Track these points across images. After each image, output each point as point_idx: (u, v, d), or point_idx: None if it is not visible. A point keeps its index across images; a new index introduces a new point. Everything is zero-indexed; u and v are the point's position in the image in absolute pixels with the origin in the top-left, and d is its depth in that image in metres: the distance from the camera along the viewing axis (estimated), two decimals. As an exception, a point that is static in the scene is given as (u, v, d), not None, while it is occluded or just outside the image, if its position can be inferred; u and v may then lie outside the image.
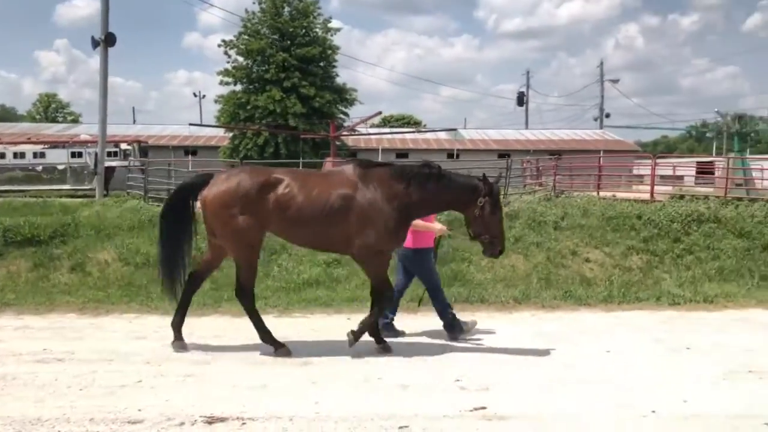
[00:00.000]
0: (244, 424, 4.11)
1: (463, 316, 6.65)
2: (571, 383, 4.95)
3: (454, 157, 36.06)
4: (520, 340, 6.30)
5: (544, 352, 5.85)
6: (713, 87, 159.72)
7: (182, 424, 4.10)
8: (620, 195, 15.39)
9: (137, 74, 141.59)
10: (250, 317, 5.59)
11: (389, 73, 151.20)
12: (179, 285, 5.67)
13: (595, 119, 48.09)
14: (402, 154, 36.81)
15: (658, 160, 21.07)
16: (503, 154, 36.96)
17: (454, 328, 6.15)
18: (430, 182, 5.45)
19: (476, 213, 5.45)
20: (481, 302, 8.04)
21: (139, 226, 10.36)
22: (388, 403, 4.46)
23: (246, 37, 31.02)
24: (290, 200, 5.32)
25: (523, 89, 55.03)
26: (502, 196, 5.97)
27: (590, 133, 43.61)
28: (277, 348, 5.54)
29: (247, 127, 29.79)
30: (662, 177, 24.43)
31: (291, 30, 30.47)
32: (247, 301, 5.53)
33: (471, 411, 4.31)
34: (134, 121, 51.53)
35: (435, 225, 6.08)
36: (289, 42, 30.50)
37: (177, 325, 5.76)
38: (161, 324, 6.58)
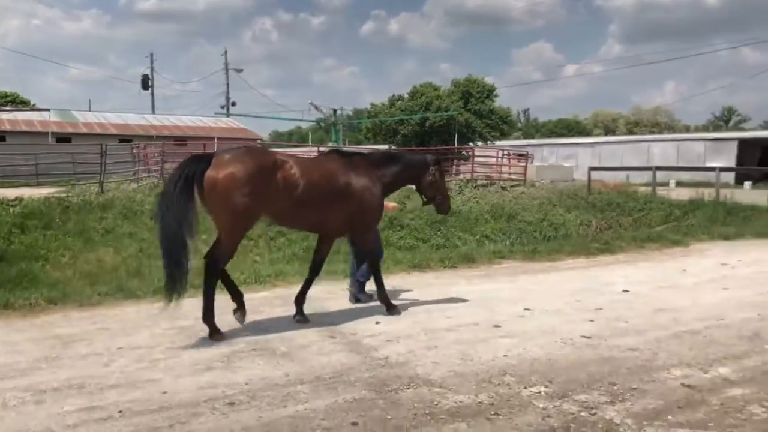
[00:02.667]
0: None
1: (19, 325, 5.82)
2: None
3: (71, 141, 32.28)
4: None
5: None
6: (340, 83, 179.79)
7: None
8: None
9: None
10: (206, 292, 5.40)
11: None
12: (185, 278, 5.17)
13: (222, 107, 48.87)
14: (-3, 137, 31.34)
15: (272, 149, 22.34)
16: (125, 139, 34.65)
17: (360, 295, 6.91)
18: (394, 164, 6.41)
19: (429, 180, 6.59)
20: (55, 304, 7.12)
21: None
22: None
23: None
24: (297, 182, 5.56)
25: (148, 72, 52.47)
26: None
27: (217, 120, 44.12)
28: (214, 333, 5.44)
29: None
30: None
31: None
32: (214, 276, 5.45)
33: None
34: None
35: (389, 204, 7.09)
36: None
37: (240, 305, 5.79)
38: None
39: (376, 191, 6.17)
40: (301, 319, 6.02)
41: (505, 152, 28.58)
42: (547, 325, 5.90)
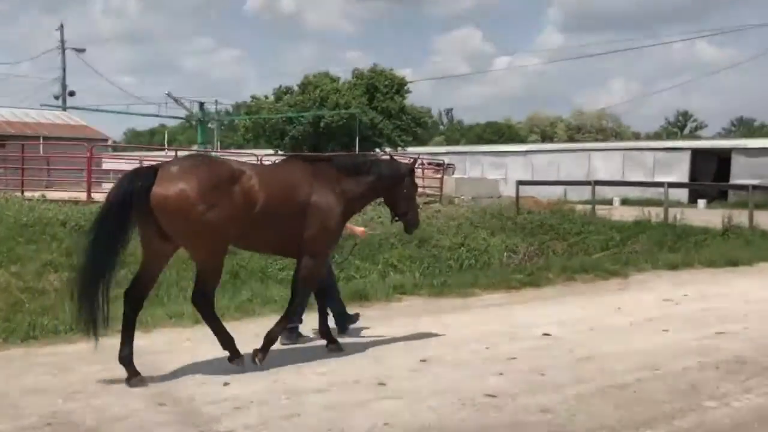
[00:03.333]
0: None
1: None
2: None
3: None
4: None
5: None
6: (218, 70, 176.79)
7: None
8: (53, 195, 15.08)
9: None
10: (210, 323, 6.07)
11: None
12: (101, 310, 5.64)
13: (57, 97, 46.72)
14: None
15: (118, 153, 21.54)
16: None
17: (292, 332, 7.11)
18: (365, 173, 6.74)
19: (404, 192, 7.04)
20: None
21: None
22: None
23: None
24: (256, 195, 5.91)
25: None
26: None
27: (49, 114, 42.10)
28: (235, 357, 6.09)
29: None
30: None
31: None
32: (209, 306, 6.03)
33: None
34: None
35: (356, 228, 7.94)
36: None
37: (128, 358, 5.71)
38: None
39: (338, 211, 6.48)
40: (334, 348, 6.84)
41: (421, 161, 29.04)
42: (446, 380, 5.87)
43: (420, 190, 26.56)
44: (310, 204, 6.29)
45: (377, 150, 36.29)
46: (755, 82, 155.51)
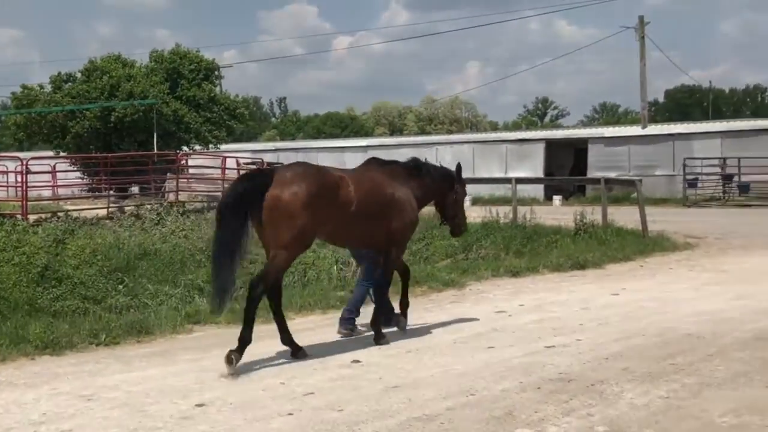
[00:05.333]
0: None
1: None
2: None
3: None
4: None
5: None
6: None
7: None
8: None
9: None
10: (251, 308, 7.58)
11: None
12: (229, 288, 7.57)
13: None
14: None
15: None
16: None
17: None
18: (425, 176, 8.82)
19: (453, 198, 9.07)
20: None
21: None
22: None
23: None
24: (353, 198, 7.87)
25: None
26: None
27: None
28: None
29: None
30: None
31: None
32: (261, 293, 7.58)
33: None
34: None
35: None
36: None
37: (288, 339, 8.03)
38: None
39: (414, 205, 8.66)
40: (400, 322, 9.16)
41: (245, 160, 28.88)
42: (225, 427, 5.71)
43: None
44: (394, 200, 8.35)
45: (184, 148, 35.26)
46: (618, 65, 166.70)
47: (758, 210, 32.19)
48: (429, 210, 9.99)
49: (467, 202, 36.33)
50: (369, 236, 8.34)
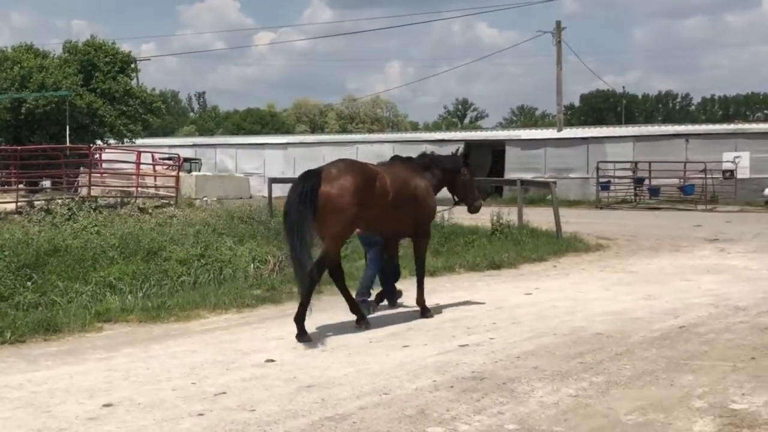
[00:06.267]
0: None
1: None
2: None
3: None
4: None
5: None
6: None
7: None
8: None
9: None
10: (308, 289, 8.56)
11: None
12: (308, 275, 8.48)
13: None
14: None
15: None
16: None
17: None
18: (436, 167, 10.14)
19: (462, 179, 10.39)
20: None
21: None
22: None
23: None
24: (389, 190, 9.09)
25: None
26: None
27: None
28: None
29: None
30: None
31: None
32: (318, 275, 8.75)
33: None
34: None
35: None
36: None
37: (356, 308, 9.44)
38: None
39: (432, 194, 9.96)
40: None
41: (161, 156, 28.34)
42: (133, 428, 5.58)
43: (152, 191, 26.12)
44: (419, 191, 9.59)
45: (98, 142, 34.39)
46: (536, 69, 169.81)
47: (667, 213, 33.32)
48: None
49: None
50: (400, 223, 9.55)
